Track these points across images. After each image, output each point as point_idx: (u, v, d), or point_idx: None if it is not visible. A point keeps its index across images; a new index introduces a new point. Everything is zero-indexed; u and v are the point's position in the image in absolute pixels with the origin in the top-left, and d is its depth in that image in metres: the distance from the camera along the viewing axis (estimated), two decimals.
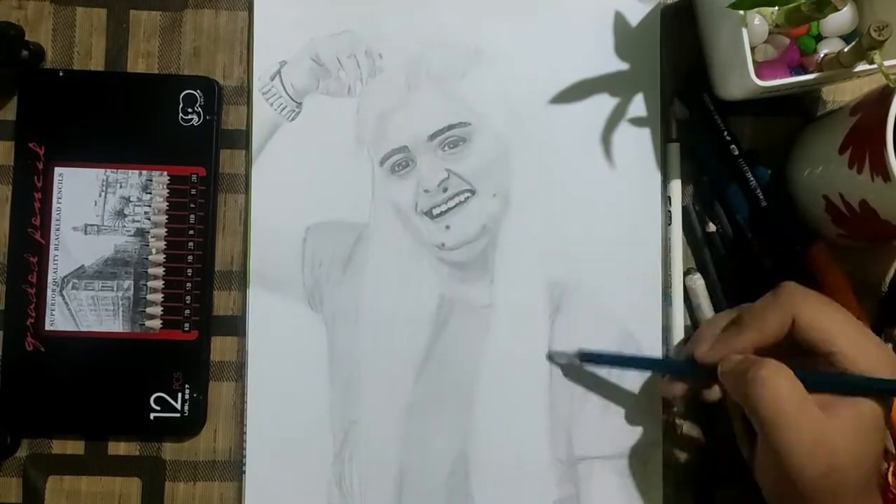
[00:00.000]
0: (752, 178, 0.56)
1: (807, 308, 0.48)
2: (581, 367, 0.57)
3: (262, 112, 0.57)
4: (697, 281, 0.57)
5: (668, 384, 0.54)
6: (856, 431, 0.46)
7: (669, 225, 0.57)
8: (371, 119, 0.57)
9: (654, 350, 0.57)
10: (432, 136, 0.57)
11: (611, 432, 0.57)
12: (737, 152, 0.57)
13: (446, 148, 0.57)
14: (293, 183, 0.57)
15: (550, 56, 0.58)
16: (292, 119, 0.57)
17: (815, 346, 0.47)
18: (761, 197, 0.56)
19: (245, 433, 0.56)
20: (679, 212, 0.57)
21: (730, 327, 0.51)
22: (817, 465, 0.45)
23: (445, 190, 0.57)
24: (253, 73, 0.58)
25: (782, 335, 0.48)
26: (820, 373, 0.47)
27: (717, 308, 0.57)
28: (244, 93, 0.58)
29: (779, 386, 0.46)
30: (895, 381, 0.46)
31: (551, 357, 0.57)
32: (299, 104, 0.57)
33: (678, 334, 0.57)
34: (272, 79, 0.57)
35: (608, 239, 0.57)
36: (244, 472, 0.56)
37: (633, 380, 0.57)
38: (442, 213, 0.57)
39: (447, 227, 0.57)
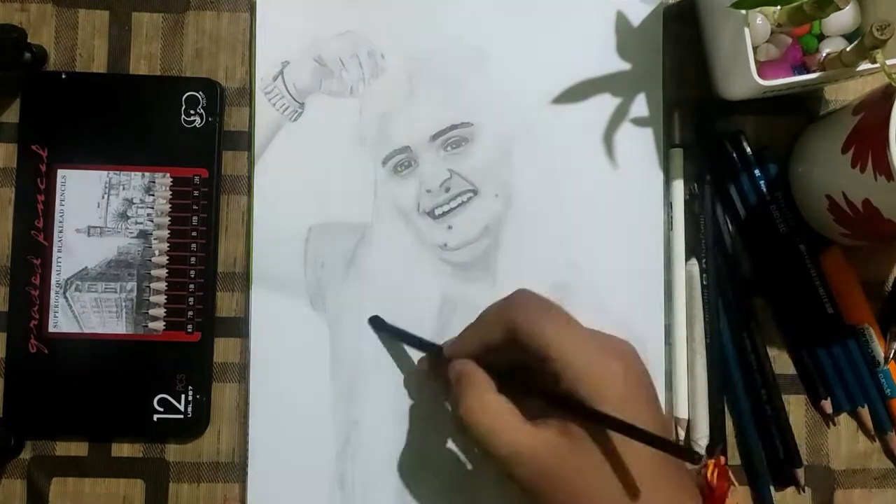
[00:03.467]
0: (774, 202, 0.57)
1: (524, 312, 0.48)
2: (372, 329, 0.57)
3: (265, 112, 0.57)
4: (693, 269, 0.57)
5: (422, 360, 0.55)
6: (567, 442, 0.45)
7: (671, 230, 0.57)
8: (373, 119, 0.57)
9: (658, 352, 0.57)
10: (434, 137, 0.57)
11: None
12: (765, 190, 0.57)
13: (448, 148, 0.57)
14: (296, 183, 0.57)
15: (552, 56, 0.58)
16: (295, 119, 0.57)
17: (532, 351, 0.47)
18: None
19: (248, 433, 0.56)
20: (681, 217, 0.57)
21: (472, 324, 0.51)
22: (528, 472, 0.45)
23: (448, 190, 0.57)
24: (255, 73, 0.58)
25: (508, 339, 0.48)
26: (532, 383, 0.48)
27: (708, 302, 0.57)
28: (246, 94, 0.58)
29: (473, 410, 0.47)
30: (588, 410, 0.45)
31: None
32: (302, 104, 0.57)
33: (680, 334, 0.57)
34: (275, 79, 0.57)
35: (610, 239, 0.57)
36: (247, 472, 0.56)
37: None
38: (444, 214, 0.57)
39: (449, 228, 0.57)
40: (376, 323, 0.57)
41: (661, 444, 0.43)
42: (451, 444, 0.56)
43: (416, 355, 0.56)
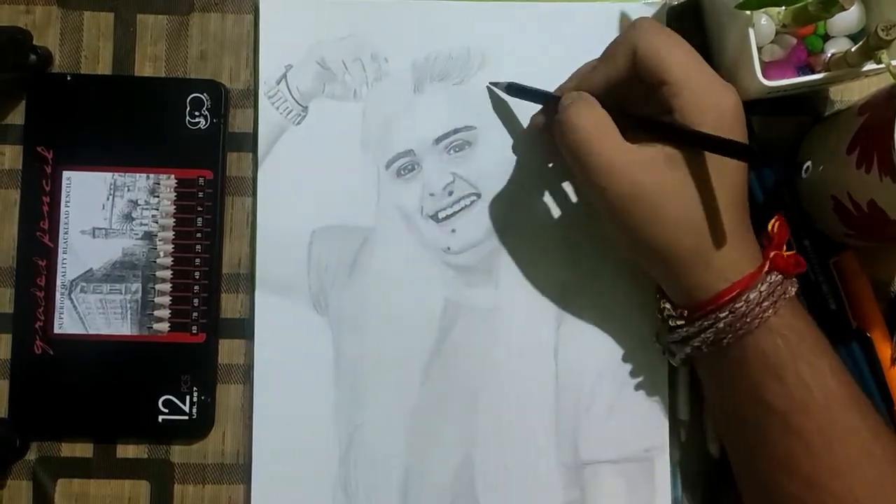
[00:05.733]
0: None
1: (646, 37, 0.48)
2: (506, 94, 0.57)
3: (268, 116, 0.57)
4: None
5: (535, 115, 0.56)
6: (665, 163, 0.47)
7: None
8: (376, 123, 0.57)
9: (660, 354, 0.56)
10: (438, 140, 0.57)
11: (617, 436, 0.56)
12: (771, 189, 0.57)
13: (452, 151, 0.57)
14: (299, 187, 0.57)
15: (555, 58, 0.57)
16: (298, 123, 0.57)
17: (650, 75, 0.48)
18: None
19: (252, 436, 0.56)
20: None
21: (592, 60, 0.52)
22: (621, 183, 0.47)
23: (451, 193, 0.57)
24: (259, 77, 0.58)
25: (629, 67, 0.49)
26: (633, 113, 0.50)
27: None
28: (251, 96, 0.58)
29: (580, 115, 0.48)
30: (693, 133, 0.46)
31: (493, 85, 0.57)
32: (305, 108, 0.57)
33: None
34: (278, 83, 0.57)
35: (613, 241, 0.57)
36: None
37: (639, 383, 0.57)
38: (447, 217, 0.57)
39: (453, 231, 0.57)
40: (512, 87, 0.56)
41: (767, 159, 0.47)
42: (454, 447, 0.56)
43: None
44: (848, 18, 0.52)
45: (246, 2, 0.59)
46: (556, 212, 0.58)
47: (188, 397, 0.56)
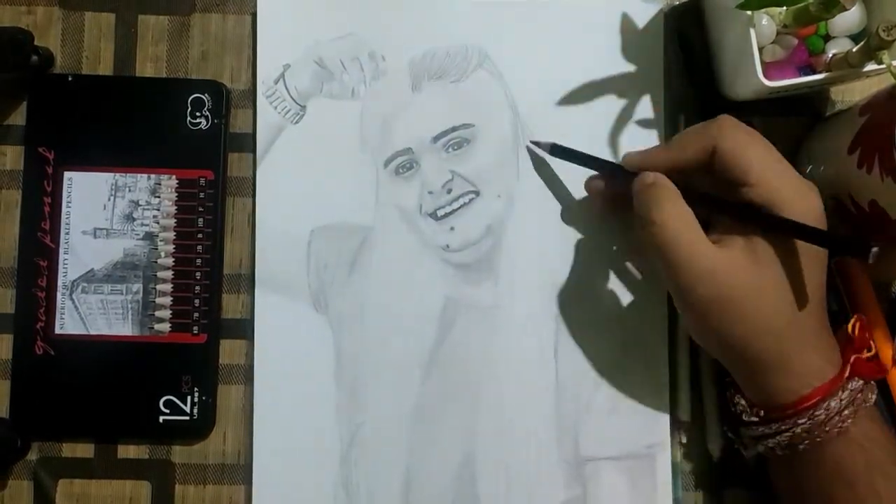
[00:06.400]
0: None
1: (729, 137, 0.48)
2: (549, 155, 0.57)
3: (266, 115, 0.57)
4: None
5: (590, 181, 0.56)
6: (752, 263, 0.47)
7: None
8: (375, 121, 0.57)
9: (661, 353, 0.56)
10: (436, 138, 0.57)
11: (618, 433, 0.56)
12: None
13: (450, 149, 0.57)
14: (297, 186, 0.57)
15: (554, 57, 0.57)
16: (296, 122, 0.57)
17: (731, 176, 0.48)
18: None
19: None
20: None
21: (664, 143, 0.52)
22: (706, 286, 0.46)
23: (450, 191, 0.57)
24: (257, 76, 0.58)
25: (702, 161, 0.49)
26: (721, 198, 0.49)
27: None
28: (251, 96, 0.58)
29: (664, 210, 0.48)
30: (790, 222, 0.46)
31: (534, 144, 0.57)
32: (303, 107, 0.58)
33: (683, 335, 0.57)
34: (276, 82, 0.57)
35: (612, 240, 0.57)
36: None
37: (640, 380, 0.57)
38: (446, 215, 0.57)
39: (452, 229, 0.57)
40: (556, 149, 0.56)
41: (858, 246, 0.44)
42: (455, 445, 0.56)
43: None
44: (849, 19, 0.52)
45: (247, 2, 0.59)
46: (555, 208, 0.58)
47: (189, 398, 0.56)
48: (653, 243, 0.48)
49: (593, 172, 0.56)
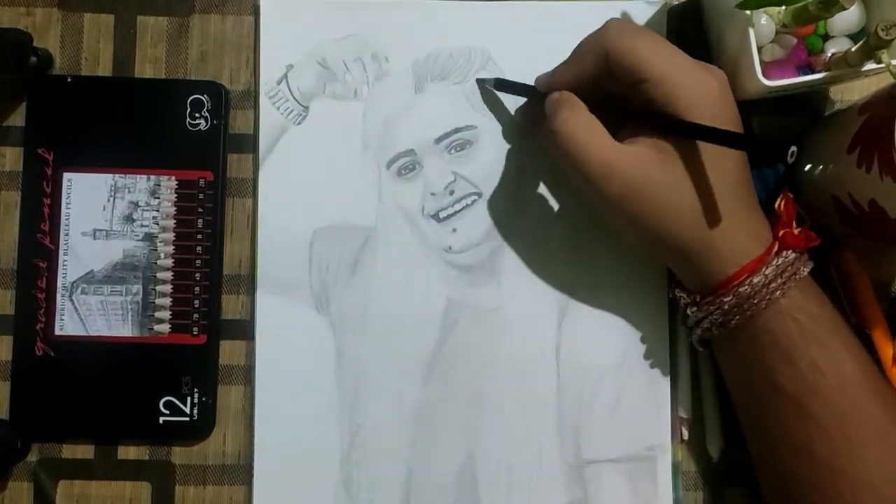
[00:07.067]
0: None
1: (617, 38, 0.49)
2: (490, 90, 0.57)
3: (269, 116, 0.57)
4: None
5: (519, 109, 0.57)
6: (656, 156, 0.48)
7: None
8: (378, 122, 0.57)
9: (662, 353, 0.57)
10: (439, 140, 0.57)
11: (619, 435, 0.56)
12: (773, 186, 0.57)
13: (453, 151, 0.57)
14: (300, 186, 0.57)
15: (557, 58, 0.57)
16: (299, 123, 0.57)
17: (627, 76, 0.48)
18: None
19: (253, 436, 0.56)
20: None
21: (566, 59, 0.53)
22: (613, 185, 0.47)
23: (452, 193, 0.57)
24: (259, 77, 0.58)
25: (601, 69, 0.49)
26: (620, 103, 0.50)
27: None
28: (251, 97, 0.58)
29: (567, 120, 0.49)
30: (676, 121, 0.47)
31: (480, 81, 0.58)
32: (306, 108, 0.57)
33: (684, 334, 0.57)
34: (279, 83, 0.57)
35: (614, 240, 0.57)
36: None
37: (641, 382, 0.57)
38: (449, 216, 0.57)
39: (454, 230, 0.57)
40: (500, 83, 0.56)
41: (756, 144, 0.45)
42: (457, 447, 0.56)
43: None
44: (848, 18, 0.52)
45: (246, 3, 0.59)
46: (557, 210, 0.58)
47: (189, 398, 0.56)
48: (558, 150, 0.49)
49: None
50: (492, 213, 0.57)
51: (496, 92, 0.58)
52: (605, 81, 0.50)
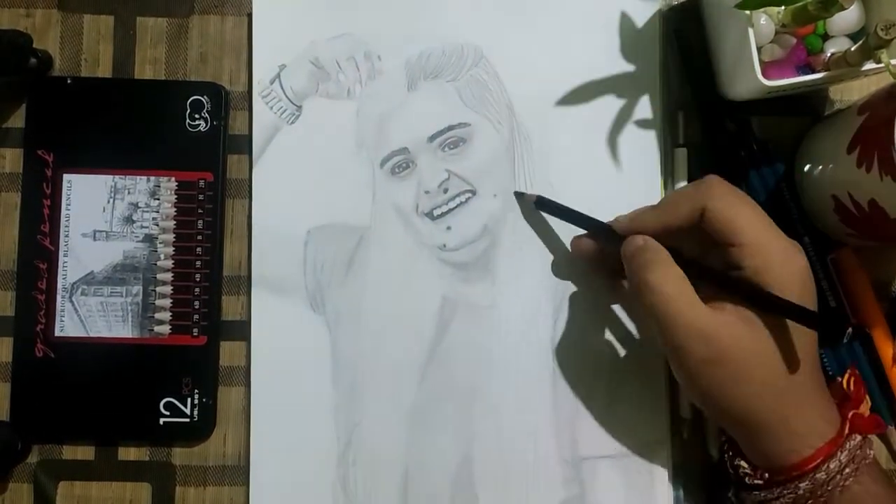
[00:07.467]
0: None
1: (718, 198, 0.48)
2: (534, 209, 0.57)
3: (263, 116, 0.57)
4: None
5: (577, 240, 0.56)
6: (745, 326, 0.47)
7: None
8: (371, 121, 0.57)
9: (659, 351, 0.56)
10: (432, 138, 0.57)
11: (616, 432, 0.56)
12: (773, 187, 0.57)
13: (446, 149, 0.57)
14: (294, 186, 0.57)
15: (551, 56, 0.57)
16: (292, 122, 0.57)
17: (720, 237, 0.48)
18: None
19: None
20: None
21: (653, 205, 0.52)
22: (702, 348, 0.46)
23: (446, 191, 0.57)
24: (253, 77, 0.58)
25: (692, 221, 0.49)
26: (711, 268, 0.49)
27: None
28: (251, 98, 0.58)
29: (658, 274, 0.48)
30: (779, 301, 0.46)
31: (518, 195, 0.57)
32: (299, 107, 0.58)
33: None
34: (272, 82, 0.58)
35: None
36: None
37: (638, 378, 0.57)
38: (443, 214, 0.57)
39: (448, 228, 0.57)
40: (541, 202, 0.56)
41: (844, 326, 0.44)
42: (453, 445, 0.56)
43: (566, 236, 0.57)
44: (847, 18, 0.52)
45: (245, 4, 0.59)
46: None
47: (189, 400, 0.56)
48: (647, 306, 0.48)
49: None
50: (486, 211, 0.57)
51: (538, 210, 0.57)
52: (685, 234, 0.50)
